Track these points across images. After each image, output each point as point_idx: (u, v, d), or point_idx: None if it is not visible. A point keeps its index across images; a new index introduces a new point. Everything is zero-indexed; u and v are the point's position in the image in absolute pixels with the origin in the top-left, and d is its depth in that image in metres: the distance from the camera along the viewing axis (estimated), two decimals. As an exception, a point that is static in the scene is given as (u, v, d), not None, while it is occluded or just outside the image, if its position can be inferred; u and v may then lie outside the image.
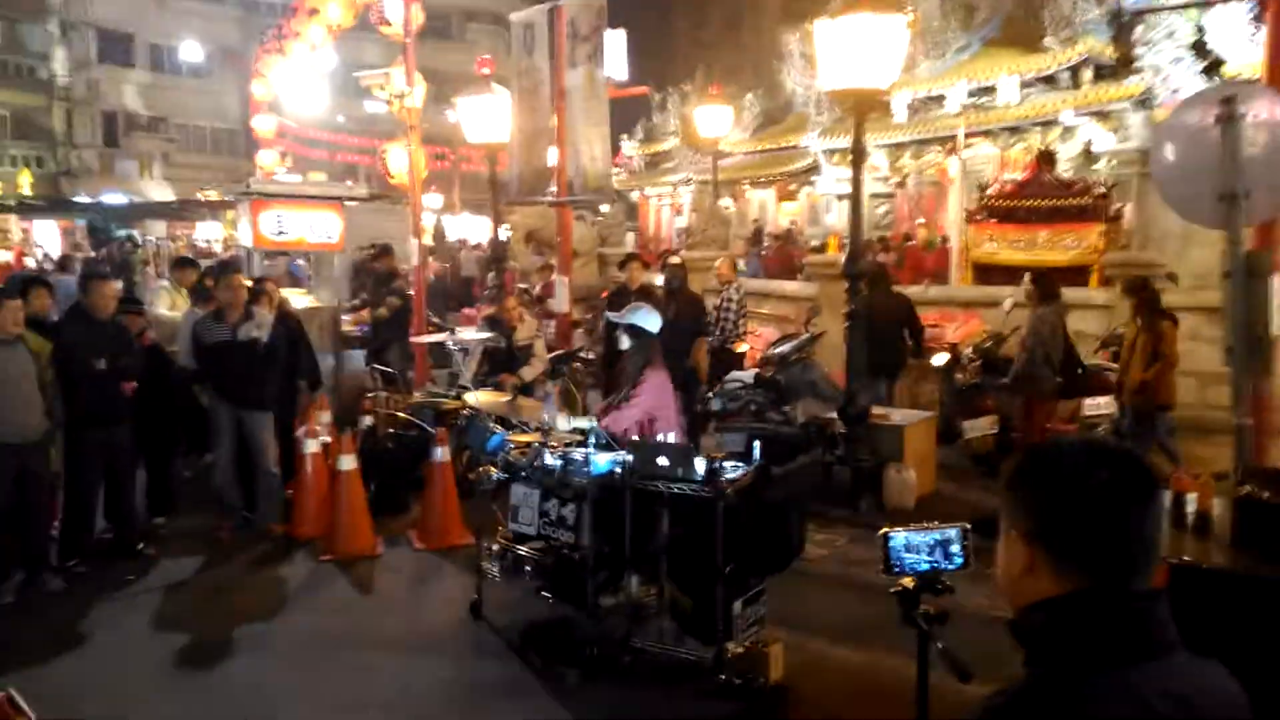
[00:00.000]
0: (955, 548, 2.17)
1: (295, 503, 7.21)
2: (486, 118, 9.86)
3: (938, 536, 2.15)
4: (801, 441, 8.02)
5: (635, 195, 32.73)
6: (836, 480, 7.68)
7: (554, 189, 9.61)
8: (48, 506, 6.27)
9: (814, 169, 23.10)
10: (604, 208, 19.75)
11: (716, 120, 16.79)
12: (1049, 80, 17.34)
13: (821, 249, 17.75)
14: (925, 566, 2.17)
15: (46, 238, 35.06)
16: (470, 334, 8.98)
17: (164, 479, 7.48)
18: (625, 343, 5.63)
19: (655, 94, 29.75)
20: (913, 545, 2.16)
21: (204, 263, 11.59)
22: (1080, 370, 7.93)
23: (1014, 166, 17.84)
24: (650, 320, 5.57)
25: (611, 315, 6.07)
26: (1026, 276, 8.29)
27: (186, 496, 7.73)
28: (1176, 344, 7.24)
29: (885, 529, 2.22)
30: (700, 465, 4.65)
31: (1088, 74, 16.65)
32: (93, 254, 26.15)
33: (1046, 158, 12.48)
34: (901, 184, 21.25)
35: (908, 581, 2.20)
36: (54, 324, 6.46)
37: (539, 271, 14.50)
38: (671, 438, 5.12)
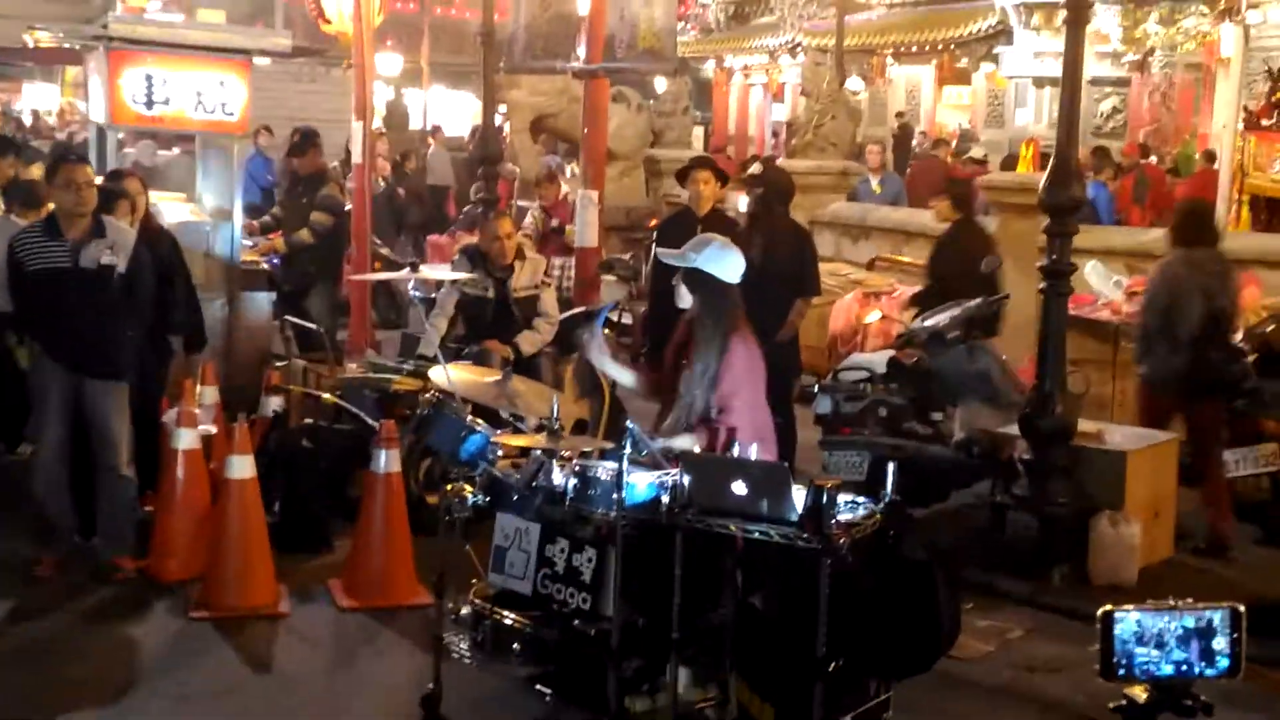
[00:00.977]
0: (1220, 641, 2.14)
1: (157, 525, 7.30)
2: (480, -67, 9.87)
3: (1191, 622, 2.13)
4: (960, 469, 8.04)
5: (710, 67, 32.71)
6: (1014, 533, 7.65)
7: (581, 51, 9.60)
8: None
9: (999, 35, 22.90)
10: (660, 83, 19.73)
11: (846, -49, 16.65)
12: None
13: (1010, 163, 17.49)
14: (1169, 670, 2.15)
15: None
16: (440, 273, 9.01)
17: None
18: (685, 300, 5.60)
19: (749, -94, 29.60)
20: (1150, 634, 2.13)
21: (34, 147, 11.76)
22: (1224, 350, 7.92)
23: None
24: (725, 263, 5.53)
25: (664, 254, 6.05)
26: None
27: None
28: None
29: (1108, 607, 2.20)
30: (798, 498, 4.62)
31: None
32: None
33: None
34: (1141, 65, 20.95)
35: (1139, 691, 2.19)
36: None
37: (543, 184, 14.48)
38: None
